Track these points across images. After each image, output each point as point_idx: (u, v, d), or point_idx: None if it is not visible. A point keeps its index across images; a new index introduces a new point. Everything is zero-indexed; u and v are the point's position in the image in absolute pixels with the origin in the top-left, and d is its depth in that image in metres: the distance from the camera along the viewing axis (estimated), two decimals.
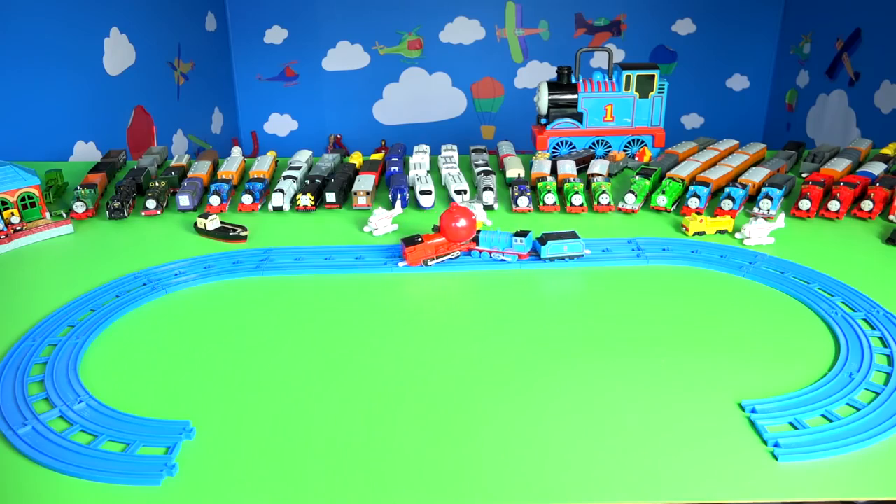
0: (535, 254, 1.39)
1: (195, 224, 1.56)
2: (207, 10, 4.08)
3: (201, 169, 1.86)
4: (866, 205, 1.56)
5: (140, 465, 0.85)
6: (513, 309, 1.23)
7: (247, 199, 1.68)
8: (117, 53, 3.01)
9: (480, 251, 1.40)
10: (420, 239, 1.36)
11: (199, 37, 3.97)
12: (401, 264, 1.37)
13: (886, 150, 1.95)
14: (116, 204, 1.64)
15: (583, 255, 1.37)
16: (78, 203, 1.65)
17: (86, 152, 2.73)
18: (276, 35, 4.45)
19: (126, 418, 0.93)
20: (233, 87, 4.53)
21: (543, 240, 1.36)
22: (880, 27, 3.41)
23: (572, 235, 1.36)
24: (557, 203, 1.66)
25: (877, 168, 1.76)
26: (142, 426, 0.92)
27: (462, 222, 1.35)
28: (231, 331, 1.17)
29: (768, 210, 1.56)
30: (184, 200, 1.68)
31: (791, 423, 0.90)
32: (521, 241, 1.37)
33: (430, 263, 1.37)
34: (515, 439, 0.90)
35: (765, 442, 0.87)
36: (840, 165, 1.77)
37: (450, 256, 1.38)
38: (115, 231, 1.60)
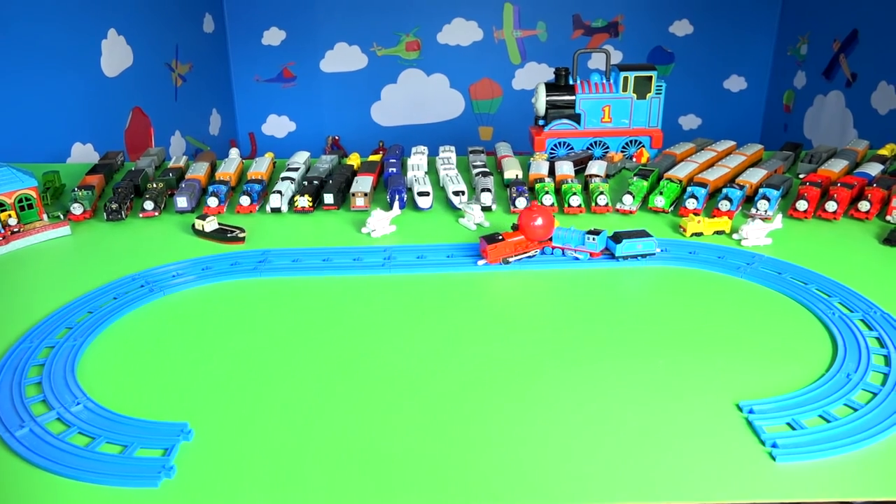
0: (607, 252, 1.39)
1: (193, 225, 1.56)
2: (205, 12, 4.08)
3: (199, 170, 1.86)
4: (863, 205, 1.56)
5: (138, 467, 0.85)
6: (506, 311, 1.23)
7: (245, 200, 1.68)
8: (115, 55, 3.01)
9: (554, 248, 1.41)
10: (501, 237, 1.37)
11: (196, 38, 3.97)
12: (480, 262, 1.38)
13: (883, 151, 1.95)
14: (114, 205, 1.64)
15: (655, 254, 1.37)
16: (75, 205, 1.65)
17: (83, 154, 2.73)
18: (273, 36, 4.45)
19: (123, 420, 0.93)
20: (231, 88, 4.53)
21: (618, 238, 1.37)
22: (877, 28, 3.41)
23: (644, 234, 1.37)
24: (555, 204, 1.66)
25: (874, 169, 1.76)
26: (139, 428, 0.92)
27: (540, 221, 1.37)
28: (229, 332, 1.17)
29: (766, 211, 1.57)
30: (181, 202, 1.68)
31: (789, 424, 0.90)
32: (593, 239, 1.38)
33: (510, 261, 1.37)
34: (514, 440, 0.90)
35: (763, 442, 0.87)
36: (837, 166, 1.78)
37: (528, 255, 1.39)
38: (112, 233, 1.60)
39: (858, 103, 3.57)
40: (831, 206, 1.56)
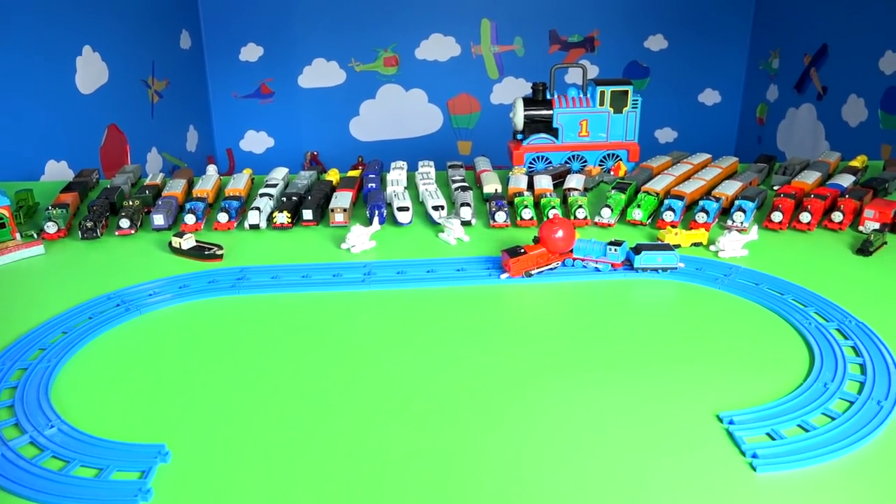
0: (628, 263, 1.40)
1: (170, 243, 1.55)
2: (182, 28, 4.07)
3: (176, 187, 1.84)
4: (836, 216, 1.59)
5: (114, 491, 0.83)
6: (487, 325, 1.23)
7: (222, 217, 1.67)
8: (90, 72, 2.98)
9: (575, 260, 1.42)
10: (523, 250, 1.37)
11: (173, 55, 3.95)
12: (503, 276, 1.38)
13: (855, 163, 1.99)
14: (89, 224, 1.62)
15: (676, 268, 1.37)
16: (49, 223, 1.62)
17: (57, 172, 2.69)
18: (251, 52, 4.45)
19: (99, 443, 0.92)
20: (208, 104, 4.51)
21: (638, 250, 1.38)
22: (846, 42, 3.49)
23: (667, 248, 1.38)
24: (535, 218, 1.67)
25: (846, 180, 1.79)
26: (115, 450, 0.90)
27: (561, 233, 1.37)
28: (207, 351, 1.16)
29: (742, 222, 1.59)
30: (158, 219, 1.66)
31: (768, 434, 0.91)
32: (615, 250, 1.39)
33: (532, 274, 1.38)
34: (494, 455, 0.89)
35: (743, 453, 0.88)
36: (810, 178, 1.81)
37: (549, 267, 1.39)
38: (87, 251, 1.58)
39: (829, 116, 3.65)
40: (805, 217, 1.59)
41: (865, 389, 1.00)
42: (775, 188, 1.86)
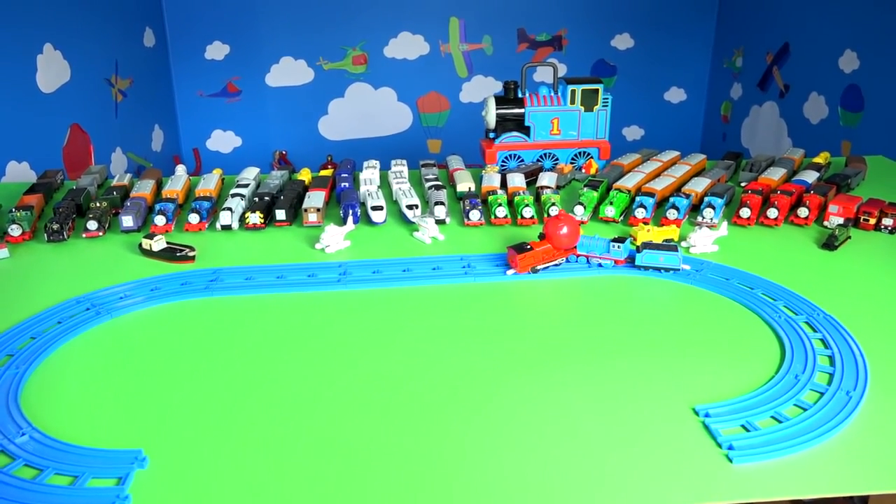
0: (630, 260, 1.41)
1: (140, 245, 1.52)
2: (145, 26, 4.00)
3: (145, 188, 1.81)
4: (802, 212, 1.63)
5: (90, 499, 0.81)
6: (463, 323, 1.24)
7: (193, 218, 1.65)
8: (51, 70, 2.91)
9: (579, 256, 1.43)
10: (529, 246, 1.38)
11: (137, 53, 3.87)
12: (509, 272, 1.39)
13: (818, 160, 2.04)
14: (55, 226, 1.58)
15: (679, 270, 1.38)
16: (13, 226, 1.58)
17: (19, 172, 2.63)
18: (217, 51, 4.39)
19: (73, 450, 0.90)
20: (173, 103, 4.43)
21: (641, 248, 1.39)
22: (807, 41, 3.58)
23: (672, 248, 1.39)
24: (509, 216, 1.68)
25: (810, 176, 1.84)
26: (91, 457, 0.88)
27: (565, 229, 1.39)
28: (181, 354, 1.14)
29: (711, 219, 1.61)
30: (127, 221, 1.63)
31: (743, 426, 0.93)
32: (618, 247, 1.40)
33: (538, 270, 1.39)
34: (468, 450, 0.90)
35: (719, 445, 0.89)
36: (776, 174, 1.85)
37: (554, 263, 1.41)
38: (54, 254, 1.54)
39: (792, 113, 3.73)
40: (773, 213, 1.62)
41: (835, 380, 1.02)
42: (743, 185, 1.90)
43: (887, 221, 1.58)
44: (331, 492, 0.84)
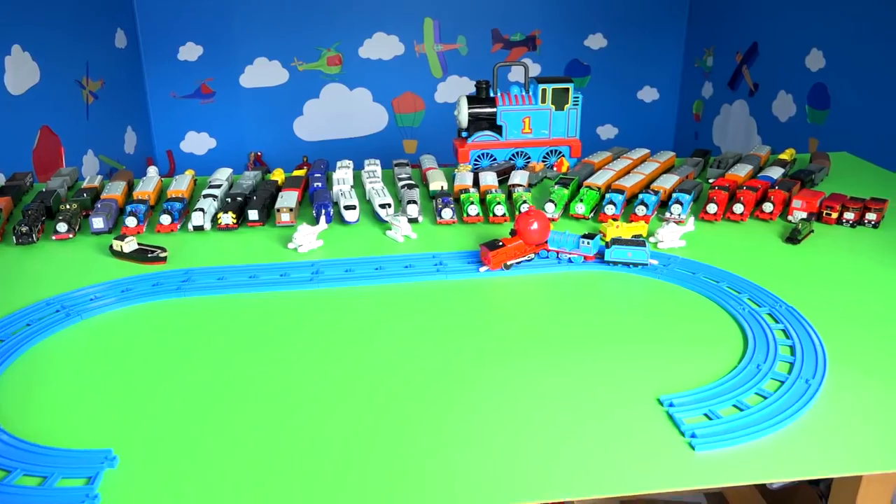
0: (600, 256, 1.44)
1: (111, 246, 1.51)
2: (117, 27, 3.96)
3: (115, 190, 1.80)
4: (767, 207, 1.67)
5: (60, 499, 0.82)
6: (434, 319, 1.25)
7: (165, 219, 1.64)
8: (20, 72, 2.88)
9: (549, 251, 1.45)
10: (501, 243, 1.40)
11: (108, 54, 3.84)
12: (482, 269, 1.40)
13: (784, 156, 2.08)
14: (24, 228, 1.57)
15: (647, 265, 1.40)
16: None
17: None
18: (190, 52, 4.36)
19: (42, 450, 0.90)
20: (146, 105, 4.39)
21: (610, 244, 1.42)
22: (775, 41, 3.64)
23: (640, 244, 1.41)
24: (480, 214, 1.69)
25: (776, 173, 1.88)
26: (60, 457, 0.88)
27: (535, 225, 1.41)
28: (153, 355, 1.14)
29: (679, 214, 1.64)
30: (97, 223, 1.62)
31: (706, 415, 0.96)
32: (587, 243, 1.42)
33: (510, 266, 1.41)
34: (437, 442, 0.91)
35: (682, 434, 0.92)
36: (743, 171, 1.88)
37: (526, 258, 1.43)
38: (23, 257, 1.53)
39: (761, 111, 3.80)
40: (738, 208, 1.65)
41: (795, 369, 1.05)
42: (710, 181, 1.93)
43: (849, 216, 1.63)
44: (303, 492, 0.84)
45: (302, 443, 0.92)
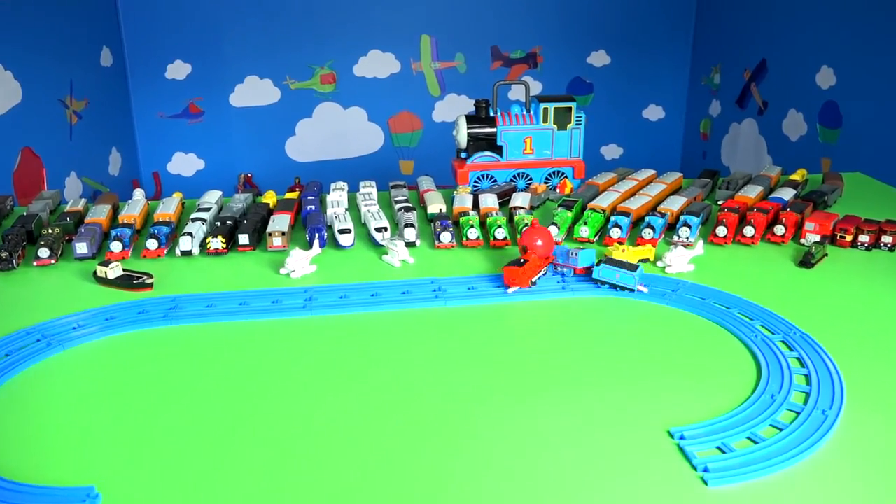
0: (590, 272, 1.47)
1: (94, 273, 1.52)
2: (102, 45, 4.00)
3: (100, 213, 1.81)
4: (779, 229, 1.68)
5: None
6: (433, 349, 1.25)
7: (152, 244, 1.65)
8: (1, 91, 2.90)
9: (557, 265, 1.50)
10: (524, 260, 1.43)
11: (93, 73, 3.87)
12: (510, 290, 1.42)
13: (795, 176, 2.10)
14: (4, 254, 1.57)
15: (634, 290, 1.41)
16: None
17: None
18: (178, 70, 4.40)
19: (22, 489, 0.89)
20: (132, 125, 4.42)
21: (599, 262, 1.44)
22: (784, 58, 3.69)
23: (632, 268, 1.42)
24: (481, 237, 1.70)
25: (787, 194, 1.89)
26: (40, 495, 0.88)
27: (540, 241, 1.48)
28: (138, 386, 1.14)
29: (687, 238, 1.65)
30: (81, 248, 1.63)
31: (719, 448, 0.95)
32: (574, 255, 1.46)
33: (535, 283, 1.45)
34: (439, 481, 0.91)
35: (694, 468, 0.92)
36: (753, 192, 1.90)
37: (542, 273, 1.48)
38: (3, 284, 1.53)
39: (770, 130, 3.83)
40: (749, 231, 1.66)
41: (811, 399, 1.05)
42: (719, 203, 1.94)
43: (864, 238, 1.64)
44: None
45: (293, 479, 0.92)
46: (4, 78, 2.94)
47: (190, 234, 1.67)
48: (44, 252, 1.61)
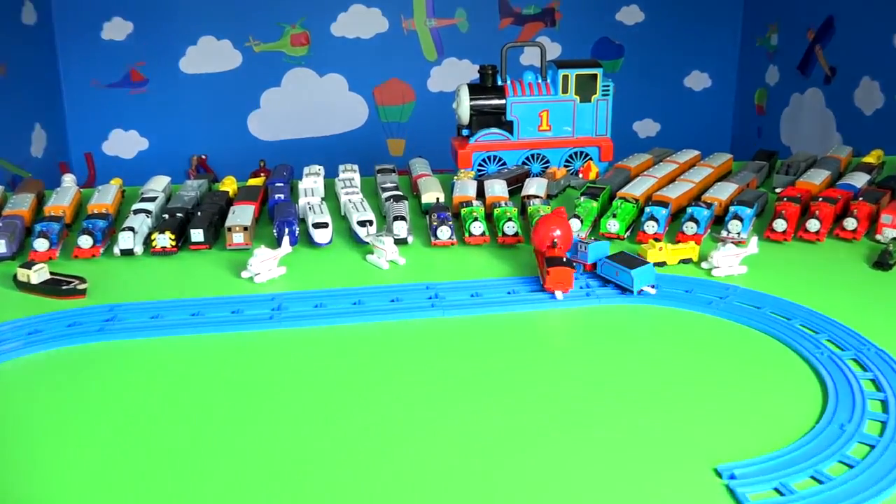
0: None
1: (15, 276, 1.52)
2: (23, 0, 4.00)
3: (22, 204, 1.81)
4: (849, 223, 1.68)
5: None
6: (430, 366, 1.25)
7: (85, 241, 1.65)
8: None
9: (575, 262, 1.51)
10: (565, 259, 1.45)
11: (13, 33, 3.87)
12: (560, 295, 1.44)
13: (869, 159, 2.10)
14: None
15: (633, 293, 1.43)
16: None
17: None
18: (117, 29, 4.40)
19: None
20: (60, 96, 4.42)
21: (608, 258, 1.48)
22: (855, 15, 3.68)
23: (642, 263, 1.44)
24: (486, 233, 1.70)
25: (859, 180, 1.89)
26: None
27: (559, 231, 1.50)
28: (68, 411, 1.14)
29: (738, 233, 1.66)
30: None
31: (776, 489, 0.95)
32: (583, 248, 1.50)
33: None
34: None
35: None
36: (818, 178, 1.90)
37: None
38: None
39: (840, 102, 3.83)
40: (813, 225, 1.67)
41: (888, 430, 1.05)
42: (777, 191, 1.95)
43: None
44: None
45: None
46: None
47: (131, 229, 1.67)
48: None
